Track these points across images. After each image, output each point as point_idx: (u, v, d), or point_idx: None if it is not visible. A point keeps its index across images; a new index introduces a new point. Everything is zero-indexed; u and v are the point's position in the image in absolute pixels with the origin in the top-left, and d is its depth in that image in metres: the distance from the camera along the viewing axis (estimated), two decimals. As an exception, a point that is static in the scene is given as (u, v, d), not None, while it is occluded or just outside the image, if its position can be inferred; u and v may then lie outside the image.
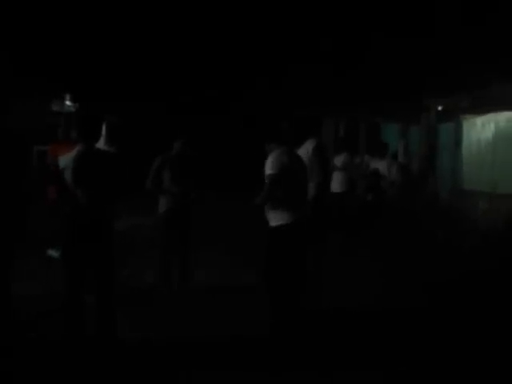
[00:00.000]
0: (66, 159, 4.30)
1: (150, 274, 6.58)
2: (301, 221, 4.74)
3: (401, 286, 6.64)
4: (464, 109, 10.54)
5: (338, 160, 8.77)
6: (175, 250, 6.21)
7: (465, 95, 10.06)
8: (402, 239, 8.85)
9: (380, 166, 9.93)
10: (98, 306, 4.37)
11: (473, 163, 11.12)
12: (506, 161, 9.99)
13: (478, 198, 10.56)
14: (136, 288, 6.24)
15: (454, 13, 13.55)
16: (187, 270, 6.23)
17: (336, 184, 8.36)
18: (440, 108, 10.73)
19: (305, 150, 5.67)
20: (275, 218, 4.70)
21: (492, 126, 10.55)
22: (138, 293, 6.10)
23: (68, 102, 15.02)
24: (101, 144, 5.87)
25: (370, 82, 14.07)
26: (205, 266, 7.02)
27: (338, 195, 8.43)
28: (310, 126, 6.03)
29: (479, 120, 10.97)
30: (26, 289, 5.78)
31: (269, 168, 4.66)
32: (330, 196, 5.89)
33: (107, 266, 4.41)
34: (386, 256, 8.01)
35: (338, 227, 8.31)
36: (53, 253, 7.08)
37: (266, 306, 4.73)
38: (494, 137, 10.48)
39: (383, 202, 9.82)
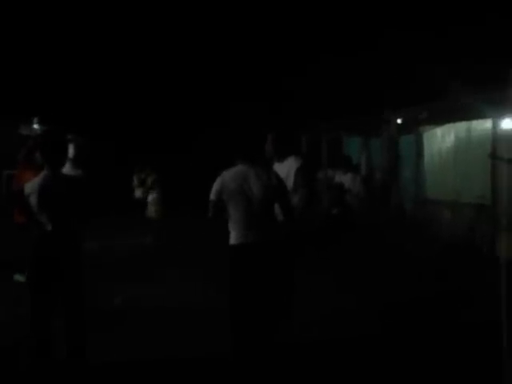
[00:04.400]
0: (31, 185, 4.35)
1: (118, 297, 6.70)
2: (259, 243, 4.48)
3: (372, 305, 6.60)
4: (423, 120, 10.79)
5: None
6: None
7: (423, 107, 10.31)
8: (368, 254, 8.94)
9: (345, 179, 10.16)
10: (67, 331, 4.38)
11: (435, 173, 11.37)
12: (467, 170, 10.22)
13: (442, 208, 10.79)
14: (105, 310, 6.26)
15: (408, 25, 13.96)
16: None
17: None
18: (400, 120, 10.98)
19: (286, 168, 5.32)
20: (231, 237, 4.57)
21: (452, 136, 10.81)
22: (107, 315, 6.13)
23: (36, 126, 14.98)
24: (67, 166, 5.95)
25: (331, 97, 14.37)
26: (174, 285, 7.03)
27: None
28: (293, 142, 5.67)
29: (439, 130, 11.24)
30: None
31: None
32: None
33: (75, 291, 4.43)
34: (355, 273, 8.08)
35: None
36: (19, 277, 7.09)
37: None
38: (455, 146, 10.74)
39: (349, 215, 10.01)
